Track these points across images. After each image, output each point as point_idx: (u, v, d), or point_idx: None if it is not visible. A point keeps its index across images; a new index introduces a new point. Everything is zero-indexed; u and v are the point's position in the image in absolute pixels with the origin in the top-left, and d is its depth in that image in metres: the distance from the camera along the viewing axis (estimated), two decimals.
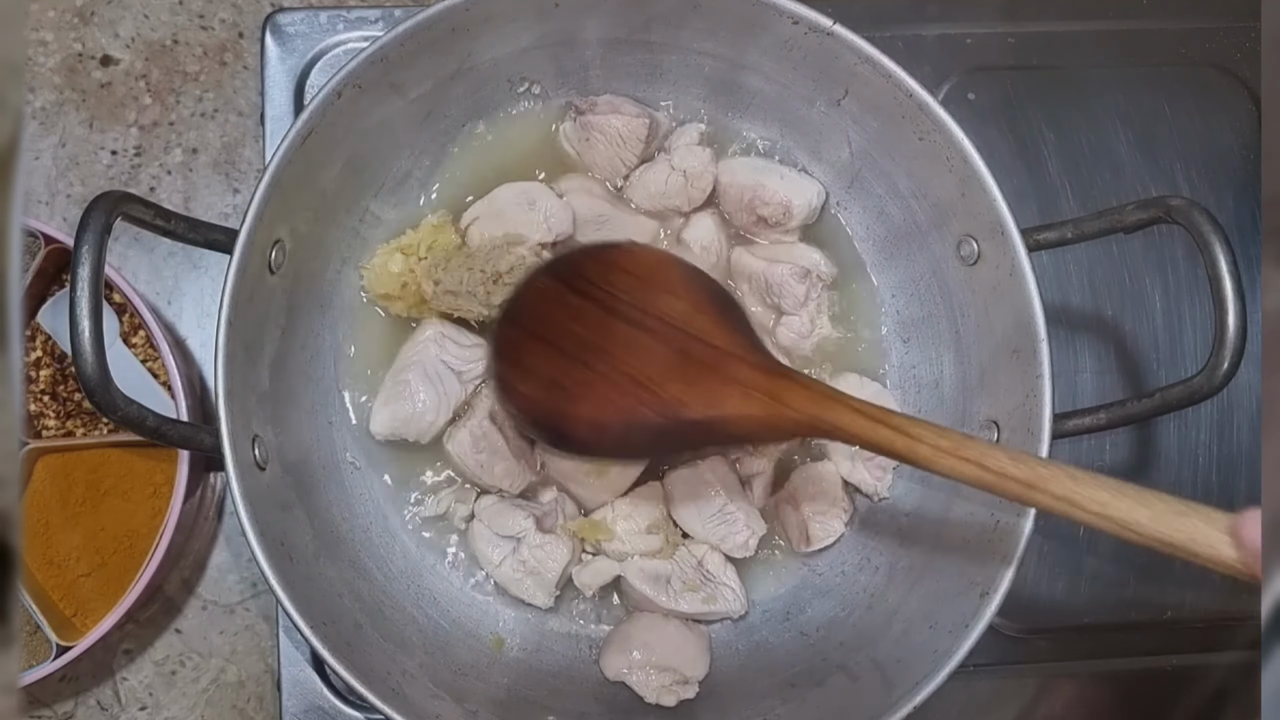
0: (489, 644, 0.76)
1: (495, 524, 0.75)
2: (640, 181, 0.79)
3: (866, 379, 0.79)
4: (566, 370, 0.66)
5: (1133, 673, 0.86)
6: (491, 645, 0.76)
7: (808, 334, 0.79)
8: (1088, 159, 0.91)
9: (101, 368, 0.56)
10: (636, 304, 0.66)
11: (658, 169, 0.79)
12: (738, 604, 0.76)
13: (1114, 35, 0.93)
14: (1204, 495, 0.88)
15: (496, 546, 0.75)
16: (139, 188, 0.87)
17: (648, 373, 0.65)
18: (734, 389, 0.63)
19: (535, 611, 0.77)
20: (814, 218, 0.80)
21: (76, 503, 0.78)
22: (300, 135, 0.66)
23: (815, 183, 0.79)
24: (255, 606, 0.84)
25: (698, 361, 0.64)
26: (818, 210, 0.80)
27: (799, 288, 0.77)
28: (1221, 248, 0.62)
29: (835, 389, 0.62)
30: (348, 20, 0.87)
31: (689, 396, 0.63)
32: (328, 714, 0.80)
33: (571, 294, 0.68)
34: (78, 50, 0.88)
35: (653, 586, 0.75)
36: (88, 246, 0.57)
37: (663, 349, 0.65)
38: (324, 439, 0.75)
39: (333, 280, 0.76)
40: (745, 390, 0.62)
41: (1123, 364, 0.89)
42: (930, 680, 0.64)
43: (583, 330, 0.67)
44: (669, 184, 0.78)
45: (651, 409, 0.64)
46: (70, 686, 0.82)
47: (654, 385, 0.64)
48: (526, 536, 0.74)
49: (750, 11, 0.71)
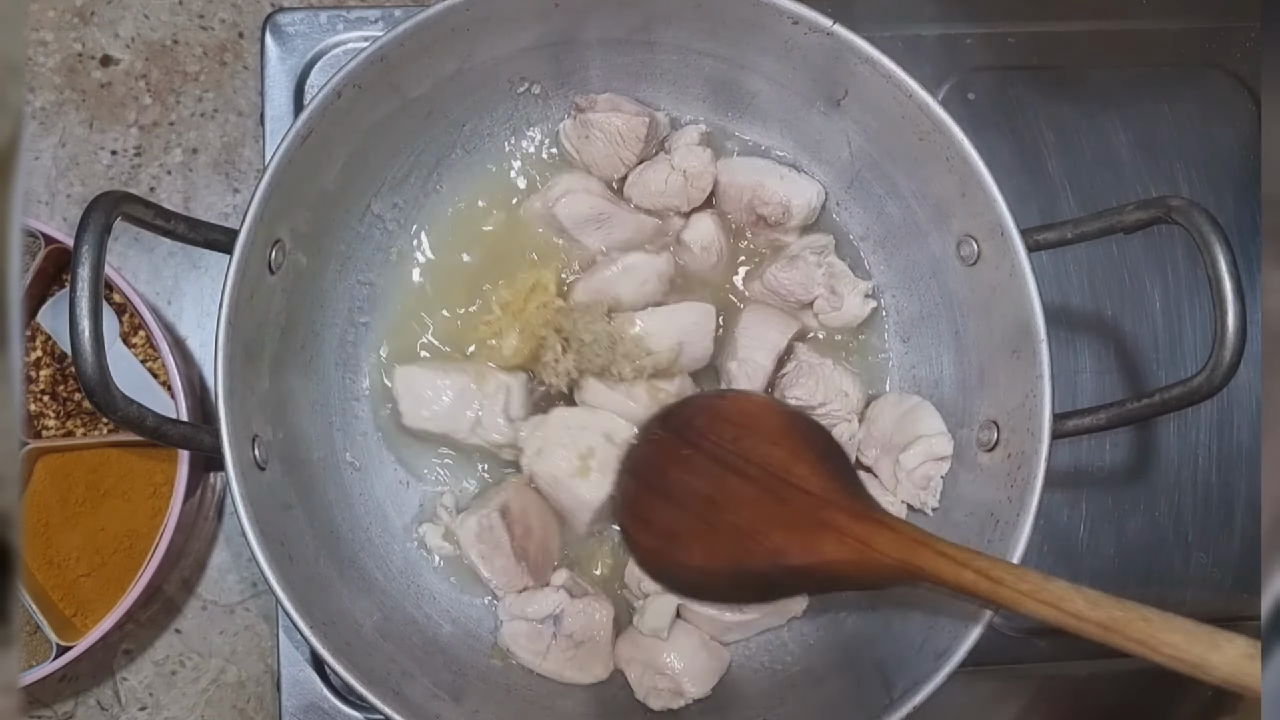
0: (489, 653, 0.75)
1: (526, 611, 0.74)
2: (640, 180, 0.79)
3: (906, 393, 0.78)
4: (680, 521, 0.70)
5: (1133, 673, 0.86)
6: (492, 655, 0.75)
7: (839, 306, 0.78)
8: (1088, 159, 0.91)
9: (101, 368, 0.56)
10: (740, 453, 0.69)
11: (658, 168, 0.79)
12: (797, 604, 0.76)
13: (1114, 35, 0.94)
14: (1204, 495, 0.88)
15: (537, 636, 0.74)
16: (139, 188, 0.87)
17: (752, 522, 0.67)
18: (829, 535, 0.64)
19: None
20: (813, 217, 0.80)
21: (76, 503, 0.78)
22: (300, 135, 0.66)
23: (815, 183, 0.79)
24: (255, 606, 0.84)
25: (795, 508, 0.66)
26: (817, 210, 0.80)
27: (793, 274, 0.77)
28: (1221, 248, 0.62)
29: (924, 532, 0.62)
30: (348, 20, 0.87)
31: (789, 544, 0.66)
32: (328, 714, 0.80)
33: (683, 445, 0.71)
34: (78, 50, 0.88)
35: (715, 605, 0.75)
36: (88, 246, 0.57)
37: (765, 498, 0.68)
38: (324, 439, 0.75)
39: (333, 280, 0.76)
40: (839, 536, 0.64)
41: (1123, 364, 0.89)
42: (930, 680, 0.64)
43: (694, 481, 0.70)
44: (669, 183, 0.78)
45: (756, 558, 0.67)
46: (70, 686, 0.82)
47: (758, 535, 0.67)
48: (564, 608, 0.74)
49: (750, 11, 0.71)
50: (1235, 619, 0.87)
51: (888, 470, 0.76)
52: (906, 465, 0.75)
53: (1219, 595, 0.87)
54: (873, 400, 0.79)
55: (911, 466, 0.75)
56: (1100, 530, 0.88)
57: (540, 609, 0.74)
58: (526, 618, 0.74)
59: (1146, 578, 0.87)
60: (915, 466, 0.74)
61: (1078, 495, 0.88)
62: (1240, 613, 0.86)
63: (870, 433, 0.77)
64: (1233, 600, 0.87)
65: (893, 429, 0.76)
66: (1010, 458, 0.69)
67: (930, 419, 0.75)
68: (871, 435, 0.77)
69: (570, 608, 0.74)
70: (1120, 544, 0.88)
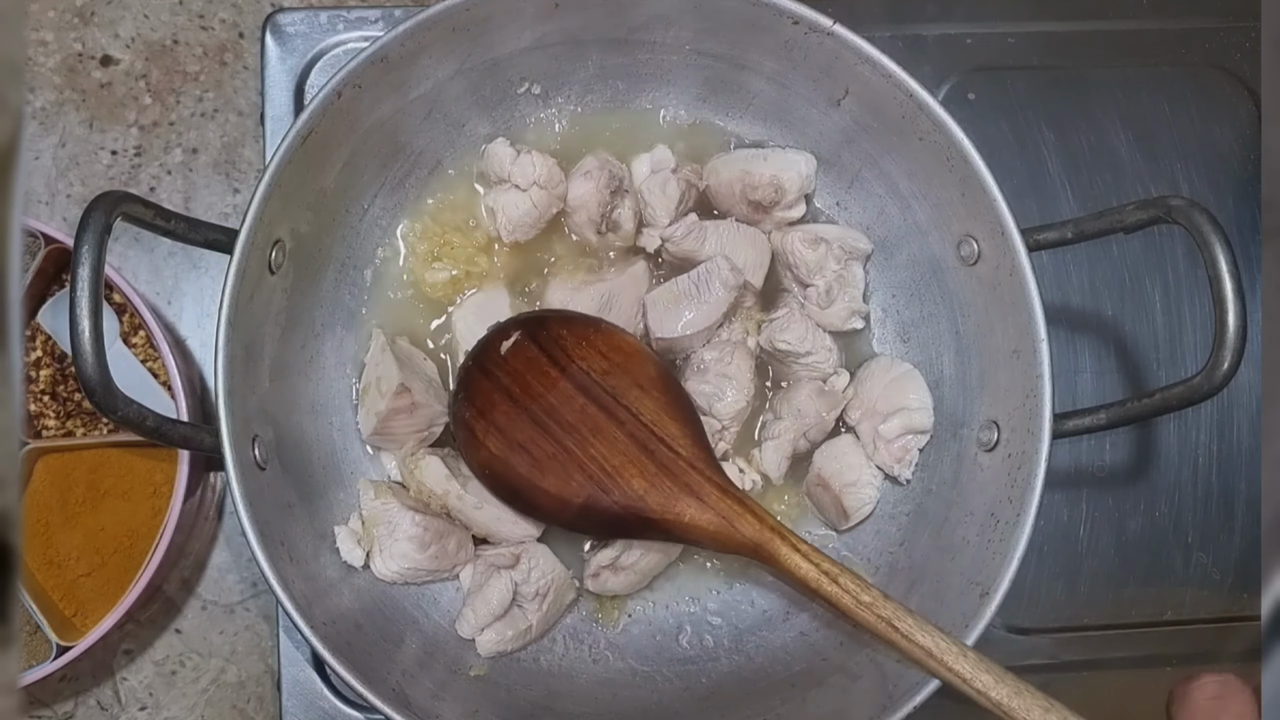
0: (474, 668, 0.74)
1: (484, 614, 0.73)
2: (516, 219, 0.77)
3: (896, 360, 0.78)
4: (535, 440, 0.70)
5: (1133, 673, 0.86)
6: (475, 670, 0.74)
7: (825, 305, 0.78)
8: (1088, 159, 0.91)
9: (101, 368, 0.56)
10: (609, 390, 0.70)
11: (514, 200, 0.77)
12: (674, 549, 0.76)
13: (1114, 35, 0.93)
14: (1204, 495, 0.88)
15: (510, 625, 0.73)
16: (139, 188, 0.87)
17: (614, 462, 0.69)
18: (691, 499, 0.67)
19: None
20: (810, 186, 0.79)
21: (76, 503, 0.78)
22: (300, 135, 0.66)
23: (801, 153, 0.78)
24: (255, 606, 0.84)
25: (660, 463, 0.68)
26: (811, 179, 0.78)
27: (809, 254, 0.77)
28: (1221, 248, 0.62)
29: (781, 524, 0.66)
30: (348, 20, 0.87)
31: (649, 494, 0.68)
32: (328, 714, 0.80)
33: (548, 362, 0.71)
34: (78, 50, 0.88)
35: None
36: (88, 246, 0.57)
37: (629, 443, 0.69)
38: (324, 439, 0.75)
39: (333, 280, 0.76)
40: (701, 504, 0.67)
41: (1123, 364, 0.89)
42: (930, 680, 0.64)
43: (556, 402, 0.70)
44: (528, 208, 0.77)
45: (612, 498, 0.68)
46: (70, 686, 0.82)
47: (618, 475, 0.68)
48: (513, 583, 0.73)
49: (750, 11, 0.71)
50: (1235, 619, 0.87)
51: (868, 434, 0.77)
52: (886, 435, 0.75)
53: (1219, 595, 0.87)
54: (864, 362, 0.79)
55: (890, 436, 0.75)
56: (1100, 530, 0.88)
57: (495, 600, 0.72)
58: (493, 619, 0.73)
59: (1146, 578, 0.87)
60: (894, 437, 0.75)
61: (1078, 495, 0.88)
62: (1240, 613, 0.86)
63: (858, 393, 0.78)
64: (1233, 600, 0.87)
65: (879, 394, 0.77)
66: (1010, 458, 0.69)
67: (916, 391, 0.76)
68: (859, 396, 0.77)
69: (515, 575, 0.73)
70: (1120, 544, 0.88)
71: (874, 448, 0.77)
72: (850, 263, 0.78)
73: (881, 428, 0.76)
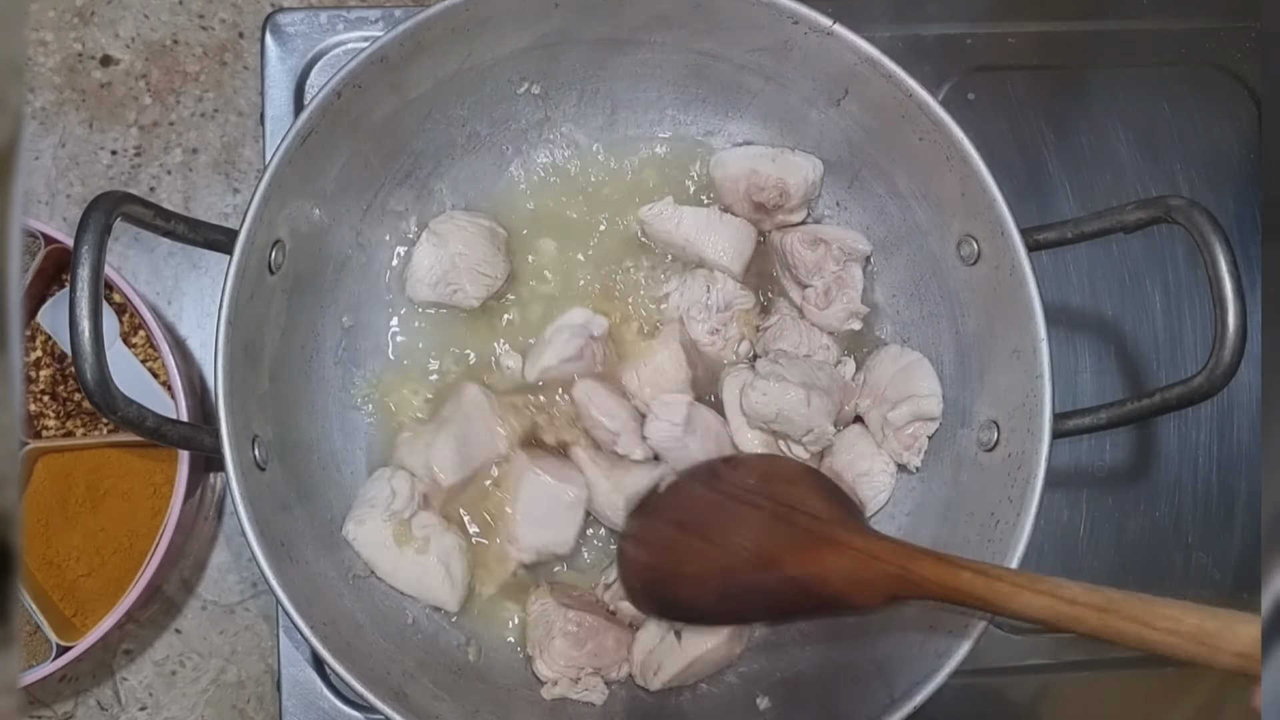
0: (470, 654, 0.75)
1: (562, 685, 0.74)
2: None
3: (905, 348, 0.78)
4: (682, 540, 0.71)
5: (1133, 673, 0.86)
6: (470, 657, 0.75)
7: (823, 306, 0.78)
8: (1088, 159, 0.91)
9: (101, 368, 0.56)
10: (757, 491, 0.70)
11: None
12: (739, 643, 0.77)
13: (1114, 35, 0.94)
14: (1204, 495, 0.88)
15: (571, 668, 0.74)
16: (139, 188, 0.87)
17: (753, 538, 0.68)
18: (829, 547, 0.65)
19: None
20: (815, 193, 0.79)
21: (76, 503, 0.78)
22: (300, 135, 0.66)
23: (809, 158, 0.78)
24: (255, 606, 0.84)
25: (800, 529, 0.67)
26: (817, 185, 0.79)
27: (808, 254, 0.77)
28: (1221, 248, 0.62)
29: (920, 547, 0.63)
30: (348, 20, 0.87)
31: (787, 555, 0.66)
32: (328, 714, 0.80)
33: (703, 488, 0.73)
34: (78, 50, 0.88)
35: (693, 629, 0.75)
36: (88, 246, 0.57)
37: (770, 521, 0.68)
38: (324, 439, 0.75)
39: (333, 281, 0.76)
40: (838, 548, 0.64)
41: (1123, 364, 0.89)
42: (930, 680, 0.64)
43: (704, 512, 0.71)
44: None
45: (751, 567, 0.67)
46: (70, 686, 0.82)
47: (756, 547, 0.67)
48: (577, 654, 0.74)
49: (750, 11, 0.71)
50: None
51: (876, 422, 0.77)
52: (894, 422, 0.75)
53: (1219, 595, 0.87)
54: (872, 351, 0.79)
55: (899, 424, 0.75)
56: (1100, 530, 0.88)
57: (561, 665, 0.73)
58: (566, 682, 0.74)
59: (1146, 578, 0.87)
60: (903, 425, 0.75)
61: (1078, 495, 0.88)
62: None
63: (866, 381, 0.78)
64: (1233, 600, 0.87)
65: (887, 382, 0.77)
66: (1010, 458, 0.69)
67: (925, 379, 0.76)
68: (867, 384, 0.78)
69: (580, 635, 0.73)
70: (1120, 544, 0.88)
71: (883, 435, 0.76)
72: (849, 264, 0.78)
73: (890, 415, 0.75)
